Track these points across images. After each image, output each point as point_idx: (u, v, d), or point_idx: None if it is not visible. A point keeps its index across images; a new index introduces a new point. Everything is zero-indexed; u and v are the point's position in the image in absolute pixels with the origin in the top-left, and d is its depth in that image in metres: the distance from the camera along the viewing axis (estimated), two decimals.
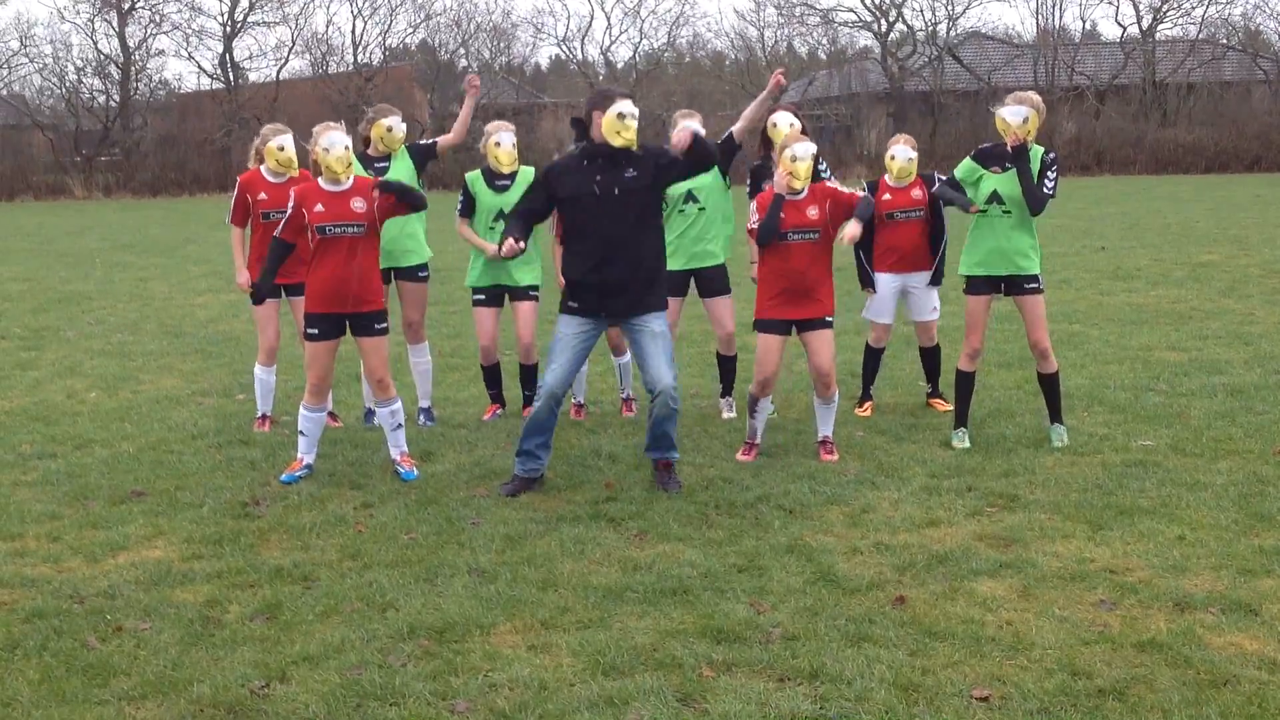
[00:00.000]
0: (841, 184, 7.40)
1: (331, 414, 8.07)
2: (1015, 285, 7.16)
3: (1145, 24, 46.74)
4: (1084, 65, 46.02)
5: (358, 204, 6.70)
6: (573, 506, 6.30)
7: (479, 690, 4.26)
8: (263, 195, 7.76)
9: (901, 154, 7.99)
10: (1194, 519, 5.86)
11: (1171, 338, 10.64)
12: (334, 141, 6.67)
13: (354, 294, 6.74)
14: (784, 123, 7.95)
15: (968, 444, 7.27)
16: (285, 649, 4.61)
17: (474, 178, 8.07)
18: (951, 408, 8.11)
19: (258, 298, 7.76)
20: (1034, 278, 7.15)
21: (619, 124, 6.28)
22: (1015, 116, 6.94)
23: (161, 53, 76.86)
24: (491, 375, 8.35)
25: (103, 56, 44.97)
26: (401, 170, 7.91)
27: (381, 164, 7.93)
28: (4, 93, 45.80)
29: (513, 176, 8.03)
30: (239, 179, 7.95)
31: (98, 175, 42.17)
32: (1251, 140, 40.95)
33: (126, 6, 44.36)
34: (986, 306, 7.25)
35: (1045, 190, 6.99)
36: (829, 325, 7.05)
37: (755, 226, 6.93)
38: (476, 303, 8.15)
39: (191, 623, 4.89)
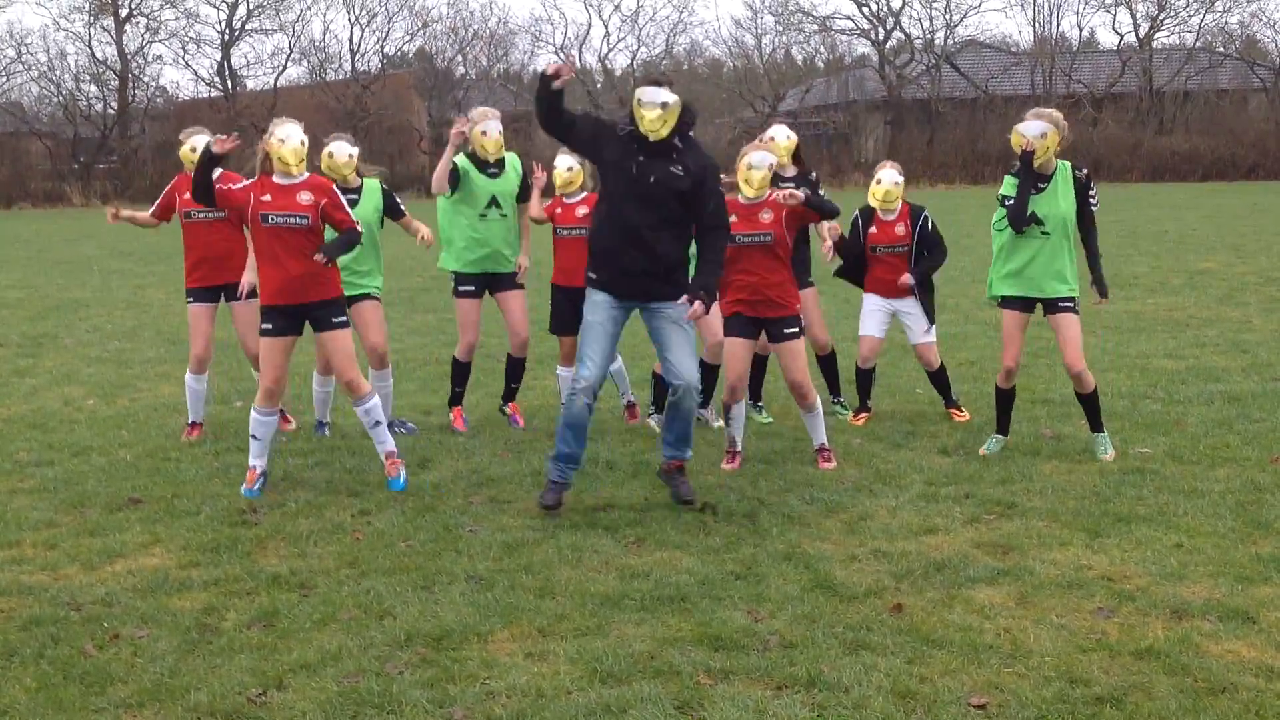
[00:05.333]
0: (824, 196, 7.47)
1: (284, 415, 8.08)
2: (1050, 304, 7.04)
3: (1142, 32, 46.92)
4: (1081, 73, 46.14)
5: (304, 197, 6.66)
6: (570, 514, 6.29)
7: (476, 698, 4.25)
8: (187, 194, 7.73)
9: (888, 178, 8.04)
10: (1191, 527, 5.86)
11: (1169, 345, 10.64)
12: (289, 133, 6.65)
13: (307, 285, 6.68)
14: (780, 135, 8.00)
15: (997, 449, 7.29)
16: (282, 657, 4.61)
17: (463, 162, 7.85)
18: (968, 418, 8.18)
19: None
20: (1069, 299, 7.00)
21: (638, 110, 6.15)
22: (1031, 130, 6.85)
23: (159, 58, 76.84)
24: (465, 372, 8.23)
25: (99, 64, 45.04)
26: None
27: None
28: (1, 101, 45.82)
29: (501, 164, 7.95)
30: (177, 177, 8.03)
31: (95, 183, 42.23)
32: (1248, 148, 41.09)
33: (124, 14, 44.43)
34: (1021, 323, 7.11)
35: (1091, 208, 6.95)
36: (798, 335, 7.05)
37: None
38: (464, 294, 7.97)
39: (189, 630, 4.88)
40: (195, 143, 7.91)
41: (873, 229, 8.10)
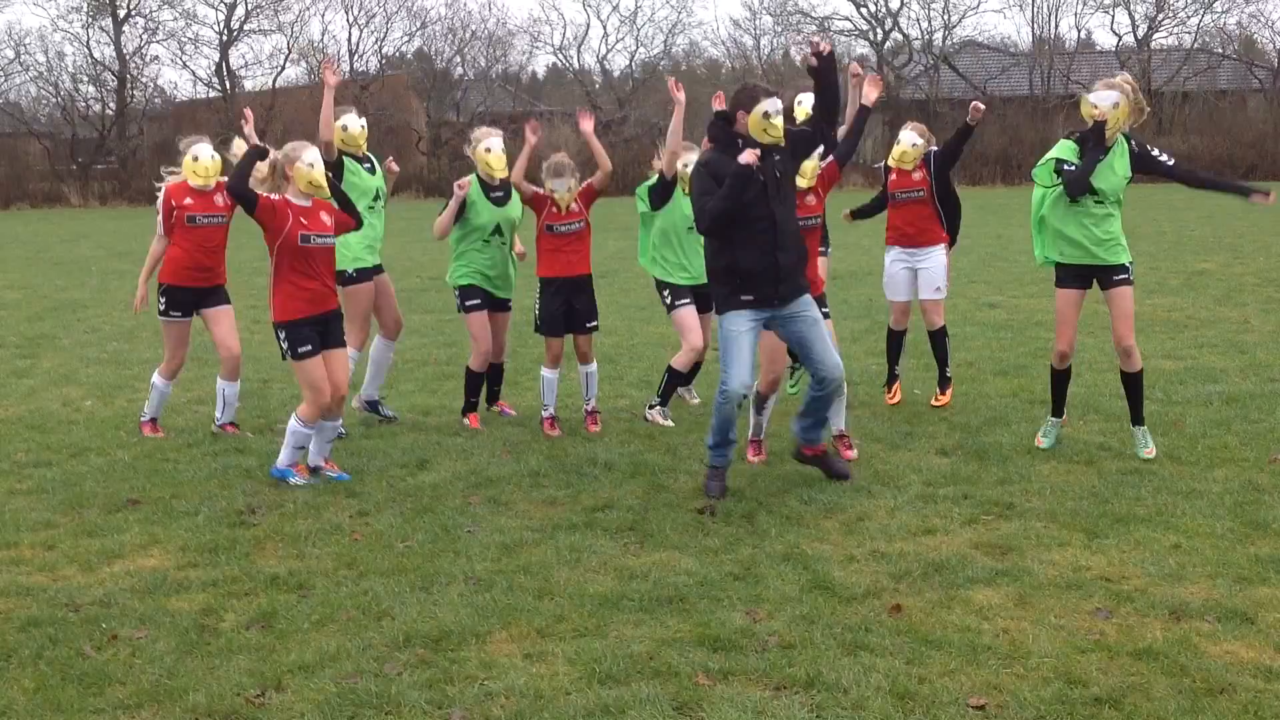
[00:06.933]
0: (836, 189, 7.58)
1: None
2: (1105, 277, 6.96)
3: (1141, 33, 46.88)
4: (1079, 74, 46.01)
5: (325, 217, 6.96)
6: (569, 514, 6.29)
7: (475, 699, 4.25)
8: (188, 200, 7.93)
9: (906, 139, 8.45)
10: (1190, 527, 5.86)
11: (1167, 346, 10.64)
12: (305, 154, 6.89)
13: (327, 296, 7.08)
14: (809, 104, 8.01)
15: (1053, 441, 7.30)
16: (281, 657, 4.61)
17: (473, 191, 8.01)
18: (945, 402, 8.48)
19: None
20: (1124, 268, 6.93)
21: (764, 123, 6.29)
22: (1104, 101, 6.78)
23: (157, 59, 76.72)
24: (479, 383, 8.36)
25: (98, 65, 45.00)
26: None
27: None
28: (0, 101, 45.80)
29: (505, 186, 8.08)
30: (165, 189, 8.07)
31: (94, 183, 42.16)
32: (1246, 149, 41.04)
33: (121, 15, 44.40)
34: (1076, 303, 7.05)
35: (1168, 163, 6.92)
36: (826, 316, 7.15)
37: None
38: (472, 308, 8.12)
39: (187, 631, 4.88)
40: (197, 152, 7.88)
41: (892, 176, 8.50)
